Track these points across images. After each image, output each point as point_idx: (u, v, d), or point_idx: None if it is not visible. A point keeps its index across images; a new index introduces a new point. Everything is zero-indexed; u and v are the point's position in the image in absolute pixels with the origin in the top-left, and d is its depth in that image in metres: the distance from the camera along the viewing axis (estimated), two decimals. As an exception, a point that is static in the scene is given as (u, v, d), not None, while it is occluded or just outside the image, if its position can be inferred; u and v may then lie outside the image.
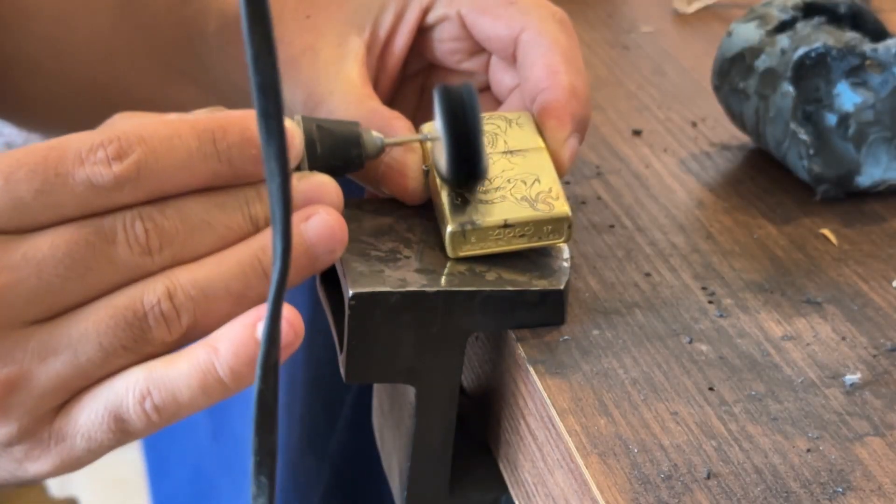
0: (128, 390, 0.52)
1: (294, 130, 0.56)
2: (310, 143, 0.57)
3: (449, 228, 0.58)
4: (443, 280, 0.57)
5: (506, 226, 0.58)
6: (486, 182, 0.59)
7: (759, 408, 0.54)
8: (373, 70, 0.67)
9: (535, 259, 0.59)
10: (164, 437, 1.39)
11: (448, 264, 0.58)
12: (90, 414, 0.53)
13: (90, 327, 0.52)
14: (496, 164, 0.61)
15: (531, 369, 0.56)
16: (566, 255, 0.60)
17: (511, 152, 0.61)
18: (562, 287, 0.58)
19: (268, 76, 0.40)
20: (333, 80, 0.65)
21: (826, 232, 0.67)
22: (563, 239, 0.59)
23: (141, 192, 0.52)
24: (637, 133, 0.77)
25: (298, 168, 0.56)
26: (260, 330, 0.51)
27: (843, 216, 0.68)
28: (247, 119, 0.54)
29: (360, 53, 0.66)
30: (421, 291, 0.56)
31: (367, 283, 0.56)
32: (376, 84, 0.67)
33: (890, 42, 0.69)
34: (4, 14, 0.78)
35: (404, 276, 0.57)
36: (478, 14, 0.66)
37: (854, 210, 0.69)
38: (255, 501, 0.46)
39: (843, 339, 0.59)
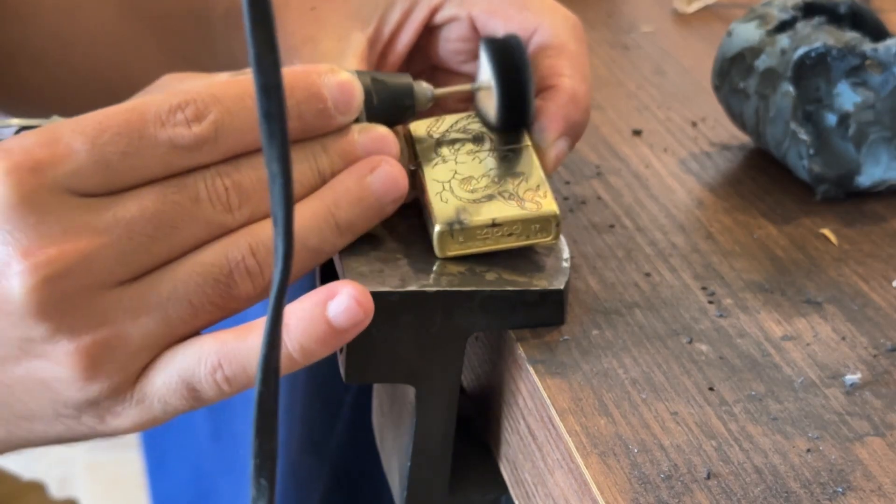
0: (200, 362, 0.53)
1: (354, 83, 0.57)
2: (367, 96, 0.59)
3: (437, 228, 0.58)
4: (443, 280, 0.57)
5: (494, 225, 0.58)
6: (473, 180, 0.60)
7: (759, 408, 0.54)
8: (372, 67, 0.67)
9: (535, 259, 0.59)
10: (164, 437, 1.40)
11: (448, 264, 0.58)
12: (165, 379, 0.54)
13: (179, 286, 0.53)
14: (483, 162, 0.61)
15: (531, 369, 0.56)
16: (566, 255, 0.60)
17: (499, 150, 0.61)
18: (562, 287, 0.58)
19: (270, 77, 0.40)
20: None
21: (826, 232, 0.67)
22: (551, 237, 0.59)
23: (218, 151, 0.54)
24: (637, 133, 0.77)
25: (357, 120, 0.58)
26: (331, 309, 0.53)
27: (843, 216, 0.68)
28: (311, 75, 0.56)
29: (360, 49, 0.66)
30: (421, 291, 0.56)
31: (367, 283, 0.56)
32: None
33: (890, 42, 0.69)
34: (10, 4, 0.78)
35: (404, 276, 0.57)
36: (489, 16, 0.66)
37: (854, 210, 0.69)
38: None
39: (844, 339, 0.59)
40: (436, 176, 0.60)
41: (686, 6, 0.95)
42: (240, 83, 0.54)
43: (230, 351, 0.53)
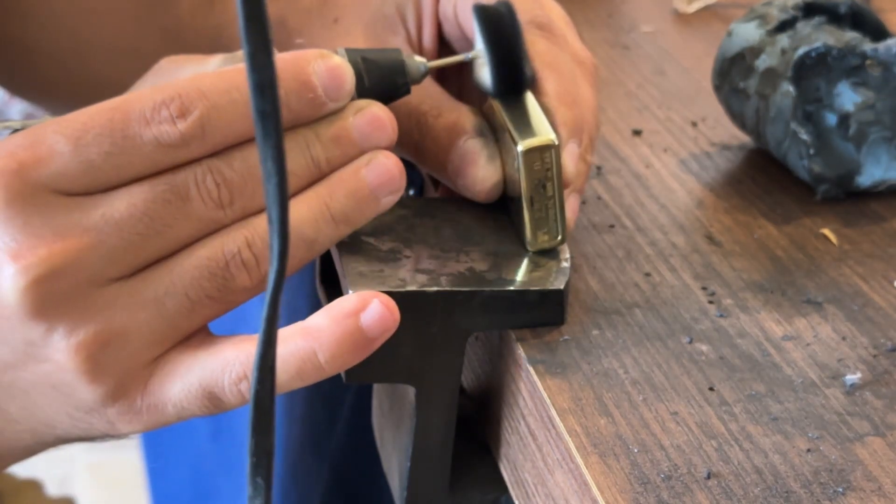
0: (224, 371, 0.53)
1: (345, 67, 0.56)
2: (358, 77, 0.58)
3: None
4: (443, 280, 0.57)
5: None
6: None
7: (759, 408, 0.54)
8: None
9: (535, 259, 0.59)
10: (163, 436, 1.39)
11: (448, 264, 0.58)
12: (184, 386, 0.54)
13: (176, 280, 0.53)
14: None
15: (531, 369, 0.56)
16: (566, 255, 0.60)
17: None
18: (562, 287, 0.58)
19: (265, 75, 0.40)
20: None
21: (826, 232, 0.67)
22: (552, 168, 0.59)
23: (207, 146, 0.53)
24: (637, 133, 0.77)
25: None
26: (364, 319, 0.53)
27: (843, 216, 0.68)
28: (300, 62, 0.55)
29: (407, 51, 0.66)
30: (421, 291, 0.56)
31: (367, 283, 0.56)
32: None
33: (890, 42, 0.69)
34: (24, 3, 0.78)
35: (404, 276, 0.57)
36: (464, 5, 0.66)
37: (854, 210, 0.69)
38: (252, 503, 0.46)
39: (844, 338, 0.59)
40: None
41: (686, 6, 0.95)
42: (227, 76, 0.54)
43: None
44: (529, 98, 0.61)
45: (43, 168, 0.51)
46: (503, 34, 0.60)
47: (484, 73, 0.61)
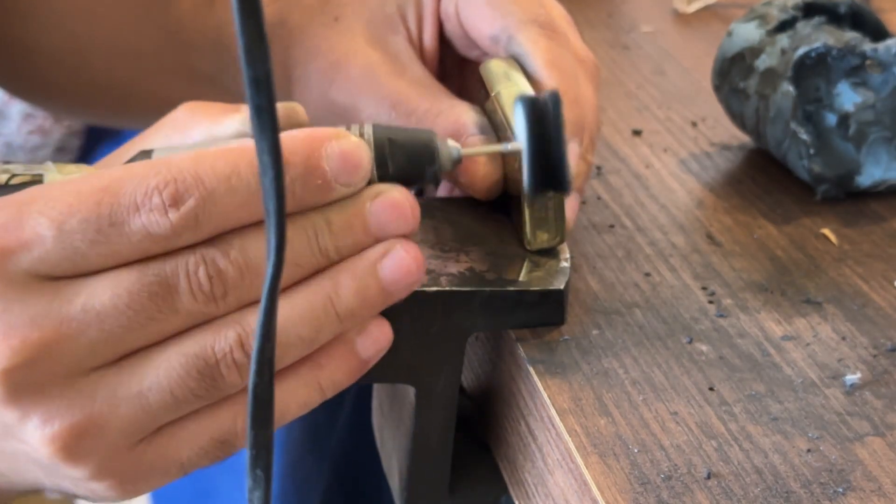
0: (235, 419, 0.52)
1: (361, 152, 0.52)
2: (381, 162, 0.54)
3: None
4: (443, 280, 0.57)
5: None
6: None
7: (759, 408, 0.54)
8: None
9: (535, 259, 0.59)
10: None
11: (448, 264, 0.58)
12: (193, 447, 0.52)
13: (161, 376, 0.50)
14: None
15: (531, 369, 0.56)
16: (566, 255, 0.60)
17: None
18: (562, 287, 0.58)
19: (260, 69, 0.40)
20: (397, 81, 0.65)
21: (826, 232, 0.67)
22: None
23: (200, 236, 0.50)
24: (637, 133, 0.77)
25: (370, 182, 0.53)
26: (359, 344, 0.52)
27: (843, 216, 0.68)
28: (310, 146, 0.51)
29: (408, 52, 0.65)
30: (421, 291, 0.56)
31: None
32: None
33: (890, 42, 0.69)
34: (24, 3, 0.78)
35: (404, 276, 0.57)
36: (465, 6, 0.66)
37: (854, 210, 0.69)
38: (252, 495, 0.46)
39: (844, 338, 0.59)
40: None
41: (686, 6, 0.95)
42: (229, 158, 0.50)
43: None
44: None
45: (24, 253, 0.49)
46: (547, 135, 0.54)
47: (522, 167, 0.56)
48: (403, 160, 0.54)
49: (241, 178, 0.49)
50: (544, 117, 0.54)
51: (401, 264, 0.52)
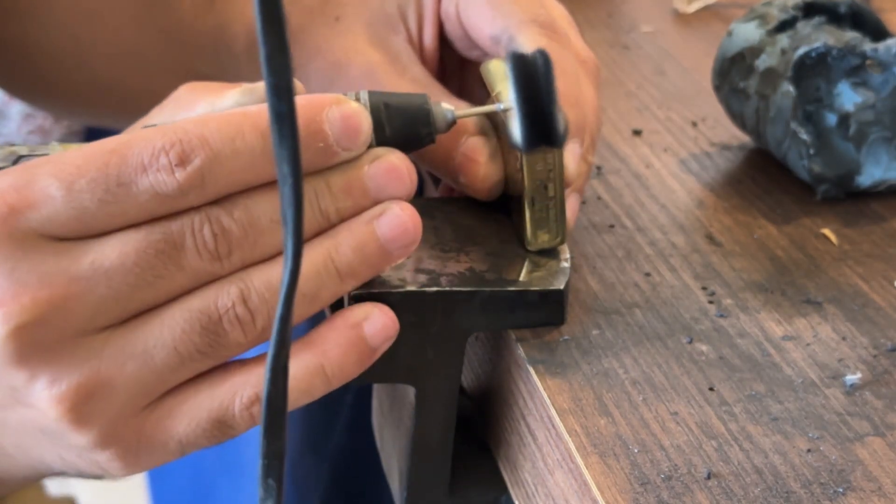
0: (234, 397, 0.52)
1: (361, 115, 0.53)
2: (378, 125, 0.55)
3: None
4: (443, 280, 0.57)
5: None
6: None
7: (759, 408, 0.54)
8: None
9: (535, 259, 0.59)
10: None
11: (448, 264, 0.58)
12: (191, 422, 0.52)
13: (165, 333, 0.51)
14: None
15: (531, 369, 0.56)
16: (566, 255, 0.60)
17: None
18: (562, 287, 0.58)
19: (282, 77, 0.40)
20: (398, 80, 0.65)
21: (826, 232, 0.67)
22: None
23: (206, 196, 0.51)
24: (637, 133, 0.77)
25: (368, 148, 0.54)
26: (367, 330, 0.53)
27: (843, 216, 0.68)
28: (312, 110, 0.52)
29: (408, 52, 0.65)
30: (421, 291, 0.56)
31: (367, 283, 0.56)
32: None
33: (890, 42, 0.69)
34: (25, 2, 0.78)
35: (404, 276, 0.57)
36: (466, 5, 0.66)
37: (854, 210, 0.69)
38: None
39: (844, 339, 0.59)
40: None
41: (686, 6, 0.95)
42: (233, 120, 0.51)
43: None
44: None
45: (34, 212, 0.50)
46: (537, 88, 0.55)
47: (513, 125, 0.56)
48: (399, 123, 0.55)
49: (245, 141, 0.51)
50: (534, 72, 0.55)
51: (397, 222, 0.53)
